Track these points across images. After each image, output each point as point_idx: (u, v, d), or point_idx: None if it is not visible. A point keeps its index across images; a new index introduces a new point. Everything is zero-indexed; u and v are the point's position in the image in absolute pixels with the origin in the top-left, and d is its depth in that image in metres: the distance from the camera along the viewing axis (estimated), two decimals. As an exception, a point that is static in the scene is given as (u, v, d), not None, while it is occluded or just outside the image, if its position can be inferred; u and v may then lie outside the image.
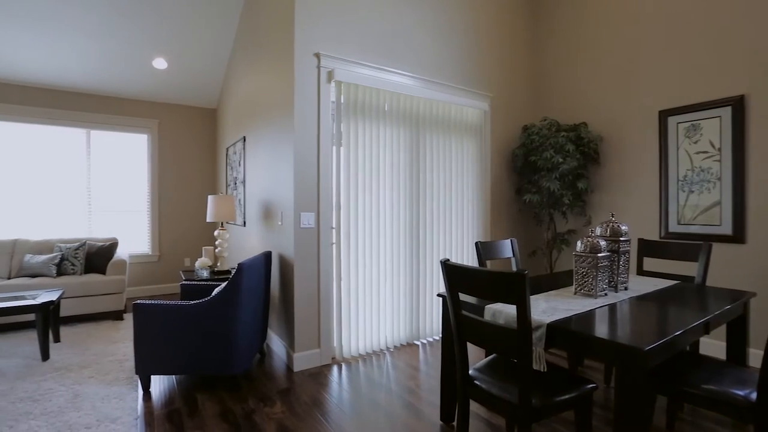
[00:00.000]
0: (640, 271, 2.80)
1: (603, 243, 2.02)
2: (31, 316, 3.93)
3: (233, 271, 3.76)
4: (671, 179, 3.34)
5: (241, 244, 4.44)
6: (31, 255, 4.30)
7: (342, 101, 3.13)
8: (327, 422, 2.27)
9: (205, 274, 3.61)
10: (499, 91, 4.16)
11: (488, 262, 3.70)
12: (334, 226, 3.15)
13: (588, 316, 1.70)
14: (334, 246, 3.15)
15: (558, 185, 3.64)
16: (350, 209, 3.17)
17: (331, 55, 3.04)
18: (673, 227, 3.33)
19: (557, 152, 3.65)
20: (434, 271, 3.67)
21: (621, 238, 2.14)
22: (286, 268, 3.13)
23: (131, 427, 2.20)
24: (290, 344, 3.06)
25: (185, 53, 4.72)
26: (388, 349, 3.41)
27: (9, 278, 4.24)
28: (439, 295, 2.20)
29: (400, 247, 3.46)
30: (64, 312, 4.03)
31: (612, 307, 1.85)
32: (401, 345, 3.49)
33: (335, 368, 3.01)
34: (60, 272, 4.27)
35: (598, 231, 2.24)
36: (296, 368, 2.96)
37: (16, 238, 4.47)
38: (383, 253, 3.36)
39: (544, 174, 3.75)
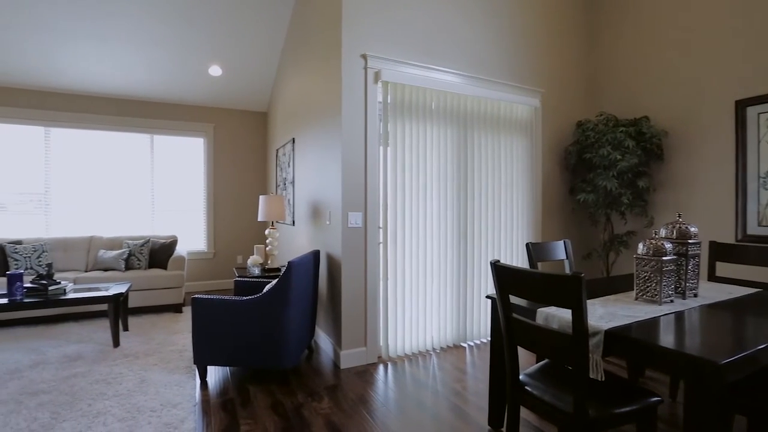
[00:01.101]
0: (712, 277, 2.57)
1: (668, 245, 1.87)
2: (104, 306, 4.30)
3: (283, 269, 3.89)
4: (750, 176, 3.03)
5: (291, 242, 4.58)
6: (104, 250, 4.70)
7: (389, 101, 3.13)
8: (373, 420, 2.29)
9: (257, 271, 3.76)
10: (551, 86, 3.99)
11: (539, 264, 3.56)
12: (381, 225, 3.16)
13: (651, 324, 1.58)
14: (381, 245, 3.16)
15: (616, 184, 3.43)
16: (397, 209, 3.18)
17: (378, 56, 3.06)
18: (753, 229, 3.02)
19: (615, 149, 3.43)
20: (482, 272, 3.58)
21: (690, 241, 1.98)
22: (333, 266, 3.19)
23: (190, 413, 2.33)
24: (337, 342, 3.11)
25: (238, 60, 4.95)
26: (434, 350, 3.37)
27: (86, 271, 4.66)
28: (488, 296, 2.14)
29: (447, 247, 3.42)
30: (131, 303, 4.37)
31: (679, 315, 1.71)
32: (448, 346, 3.44)
33: (381, 367, 3.03)
34: (128, 267, 4.63)
35: (662, 232, 2.08)
36: (343, 366, 3.00)
37: (91, 235, 4.91)
38: (430, 253, 3.33)
39: (600, 172, 3.55)
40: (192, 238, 5.71)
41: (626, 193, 3.47)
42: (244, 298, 2.66)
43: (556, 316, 1.71)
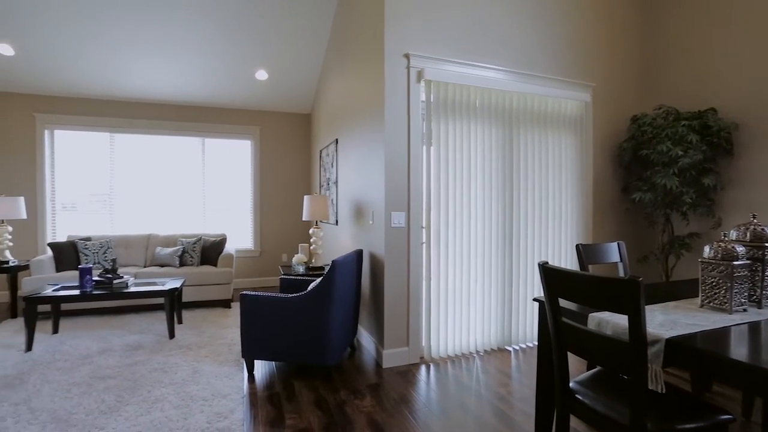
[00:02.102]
0: (791, 284, 2.32)
1: (740, 249, 1.71)
2: (160, 300, 4.58)
3: (327, 268, 3.96)
4: (835, 173, 2.72)
5: (334, 241, 4.66)
6: (160, 247, 5.01)
7: (432, 100, 3.11)
8: (415, 420, 2.27)
9: (301, 269, 3.85)
10: (603, 80, 3.78)
11: (590, 267, 3.39)
12: (424, 225, 3.14)
13: (720, 334, 1.46)
14: (423, 245, 3.14)
15: (677, 182, 3.19)
16: (440, 209, 3.14)
17: (421, 55, 3.03)
18: (838, 232, 2.70)
19: (676, 144, 3.20)
20: (528, 273, 3.46)
21: (767, 244, 1.80)
22: (376, 266, 3.20)
23: (238, 404, 2.43)
24: (380, 341, 3.12)
25: (283, 64, 5.10)
26: (477, 352, 3.30)
27: (145, 266, 4.98)
28: (535, 299, 2.07)
29: (491, 247, 3.34)
30: (184, 298, 4.62)
31: (754, 326, 1.55)
32: (492, 350, 3.36)
33: (423, 368, 3.01)
34: (182, 263, 4.90)
35: (733, 235, 1.91)
36: (385, 365, 3.01)
37: (149, 233, 5.25)
38: (474, 254, 3.27)
39: (659, 169, 3.32)
40: (240, 237, 5.96)
41: (689, 192, 3.23)
42: (290, 295, 2.74)
43: (610, 321, 1.61)
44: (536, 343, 3.41)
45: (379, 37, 3.08)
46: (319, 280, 2.74)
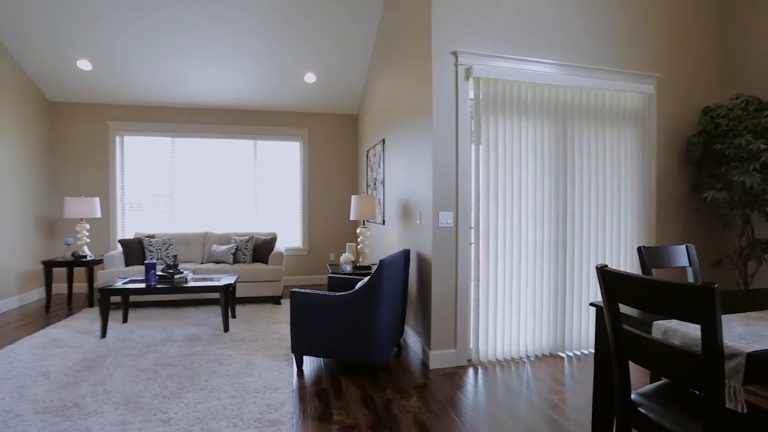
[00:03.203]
0: None
1: (839, 253, 1.51)
2: (216, 294, 4.83)
3: (374, 267, 3.99)
4: None
5: (381, 241, 4.68)
6: (216, 245, 5.28)
7: (480, 98, 3.03)
8: (462, 424, 2.23)
9: (349, 268, 3.91)
10: (669, 69, 3.50)
11: (654, 271, 3.16)
12: (472, 225, 3.07)
13: (815, 349, 1.29)
14: (472, 246, 3.07)
15: (758, 179, 2.88)
16: (489, 208, 3.06)
17: (469, 52, 2.97)
18: None
19: (758, 137, 2.89)
20: (583, 276, 3.29)
21: None
22: (423, 266, 3.18)
23: (288, 397, 2.50)
24: (426, 341, 3.10)
25: (331, 66, 5.20)
26: (528, 357, 3.18)
27: (201, 263, 5.28)
28: (591, 304, 1.95)
29: (543, 248, 3.20)
30: (237, 293, 4.83)
31: None
32: (543, 355, 3.22)
33: (471, 370, 2.94)
34: (235, 260, 5.14)
35: (829, 237, 1.69)
36: (432, 366, 2.98)
37: (206, 231, 5.55)
38: (525, 255, 3.15)
39: (736, 165, 3.02)
40: (289, 236, 6.16)
41: (771, 190, 2.91)
42: (338, 293, 2.78)
43: (678, 330, 1.48)
44: (592, 350, 3.23)
45: (426, 36, 3.05)
46: (366, 279, 2.76)
